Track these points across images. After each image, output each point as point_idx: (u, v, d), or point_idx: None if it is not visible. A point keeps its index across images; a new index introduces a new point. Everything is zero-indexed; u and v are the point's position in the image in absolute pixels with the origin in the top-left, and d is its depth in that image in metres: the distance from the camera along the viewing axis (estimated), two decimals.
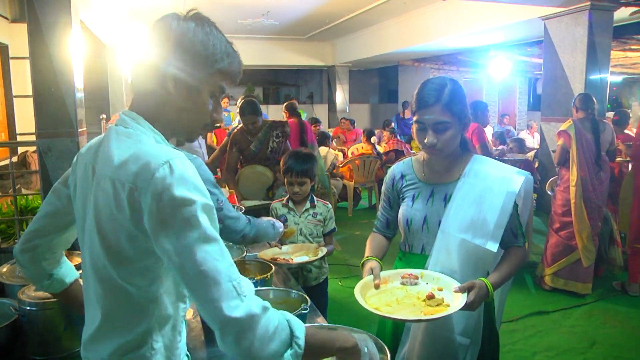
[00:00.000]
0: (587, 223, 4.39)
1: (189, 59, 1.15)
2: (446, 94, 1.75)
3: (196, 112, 1.21)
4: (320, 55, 14.43)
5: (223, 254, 1.05)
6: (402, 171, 2.02)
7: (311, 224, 2.99)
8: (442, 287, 1.74)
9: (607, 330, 3.88)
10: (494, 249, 1.75)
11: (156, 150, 1.10)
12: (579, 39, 6.25)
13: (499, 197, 1.78)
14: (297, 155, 3.03)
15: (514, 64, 12.62)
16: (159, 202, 1.04)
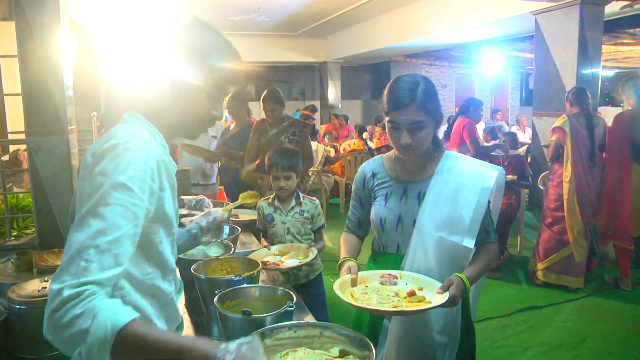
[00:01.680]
0: (579, 219, 4.39)
1: (191, 57, 1.21)
2: (420, 93, 1.73)
3: (194, 109, 1.25)
4: (312, 51, 14.41)
5: (97, 234, 0.99)
6: (372, 170, 1.99)
7: (298, 222, 2.94)
8: (422, 287, 1.71)
9: (599, 325, 3.88)
10: (471, 246, 1.74)
11: (129, 131, 1.15)
12: (570, 33, 6.25)
13: (474, 193, 1.78)
14: (282, 151, 3.01)
15: (506, 59, 12.65)
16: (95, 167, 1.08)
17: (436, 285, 1.67)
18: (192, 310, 2.11)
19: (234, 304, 1.70)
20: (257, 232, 3.68)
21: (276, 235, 2.95)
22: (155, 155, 1.14)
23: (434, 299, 1.63)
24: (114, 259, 1.01)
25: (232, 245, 2.26)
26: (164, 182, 1.18)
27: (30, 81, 3.91)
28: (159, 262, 1.23)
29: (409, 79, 1.78)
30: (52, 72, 3.93)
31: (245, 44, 13.05)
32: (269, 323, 1.51)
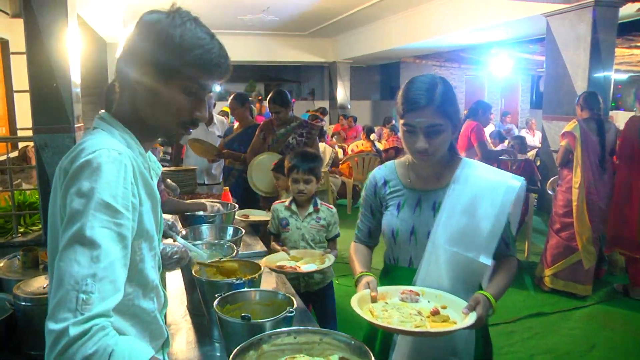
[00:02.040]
0: (588, 225, 4.33)
1: (155, 51, 1.11)
2: (438, 94, 1.61)
3: (166, 108, 1.15)
4: (322, 51, 14.38)
5: (91, 261, 0.93)
6: (384, 176, 1.87)
7: (314, 229, 2.86)
8: (445, 305, 1.59)
9: (607, 334, 3.83)
10: (488, 263, 1.62)
11: (98, 141, 1.07)
12: (582, 36, 6.18)
13: (493, 205, 1.64)
14: (303, 154, 2.95)
15: (516, 62, 12.56)
16: (70, 187, 1.00)
17: (459, 304, 1.55)
18: (193, 312, 2.09)
19: (234, 308, 1.68)
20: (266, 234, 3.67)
21: (290, 241, 2.88)
22: (132, 167, 1.08)
23: (460, 319, 1.51)
24: (112, 286, 0.95)
25: (234, 247, 2.23)
26: (142, 195, 1.12)
27: (38, 78, 3.92)
28: (140, 281, 1.16)
29: (426, 79, 1.66)
30: (60, 69, 3.94)
31: (255, 44, 13.10)
32: (269, 328, 1.49)
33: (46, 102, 3.95)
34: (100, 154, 1.02)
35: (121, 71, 1.16)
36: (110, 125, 1.15)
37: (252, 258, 2.71)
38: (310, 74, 19.29)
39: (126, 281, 1.09)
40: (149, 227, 1.14)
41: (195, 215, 2.87)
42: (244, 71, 16.91)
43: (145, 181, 1.15)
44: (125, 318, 1.13)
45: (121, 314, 1.11)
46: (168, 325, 2.00)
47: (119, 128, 1.15)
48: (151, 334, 1.21)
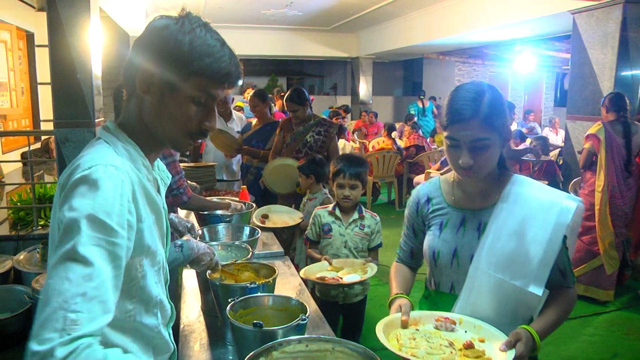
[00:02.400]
0: (611, 230, 4.24)
1: (162, 59, 1.07)
2: (485, 104, 1.45)
3: (173, 118, 1.11)
4: (345, 46, 14.31)
5: (82, 279, 0.87)
6: (427, 193, 1.74)
7: (357, 236, 2.78)
8: (484, 338, 1.44)
9: (629, 342, 3.73)
10: (539, 292, 1.46)
11: (96, 156, 1.03)
12: (610, 34, 6.02)
13: (545, 229, 1.47)
14: (349, 158, 2.87)
15: (541, 59, 12.36)
16: (65, 202, 0.96)
17: (500, 338, 1.40)
18: (207, 313, 2.09)
19: (247, 313, 1.67)
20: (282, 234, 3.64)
21: (332, 248, 2.80)
22: (130, 182, 1.03)
23: (495, 356, 1.36)
24: (102, 306, 0.89)
25: (250, 249, 2.22)
26: (142, 211, 1.07)
27: (60, 71, 3.96)
28: (142, 298, 1.12)
29: (472, 87, 1.51)
30: (82, 62, 3.97)
31: (278, 38, 13.09)
32: (281, 336, 1.48)
33: (67, 95, 3.99)
34: (97, 169, 0.98)
35: (128, 78, 1.12)
36: (113, 137, 1.12)
37: (269, 258, 2.71)
38: (333, 69, 19.23)
39: (127, 298, 1.08)
40: (150, 243, 1.10)
41: (212, 215, 2.87)
42: (266, 65, 16.93)
43: (148, 195, 1.12)
44: (127, 334, 1.11)
45: (122, 331, 1.09)
46: (182, 326, 2.01)
47: (122, 139, 1.12)
48: (155, 349, 1.19)
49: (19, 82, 6.85)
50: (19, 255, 3.90)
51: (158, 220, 1.16)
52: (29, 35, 7.42)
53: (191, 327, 2.00)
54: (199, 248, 1.75)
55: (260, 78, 16.89)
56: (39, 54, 7.43)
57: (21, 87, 7.03)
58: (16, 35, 6.73)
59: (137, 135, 1.14)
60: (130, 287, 1.08)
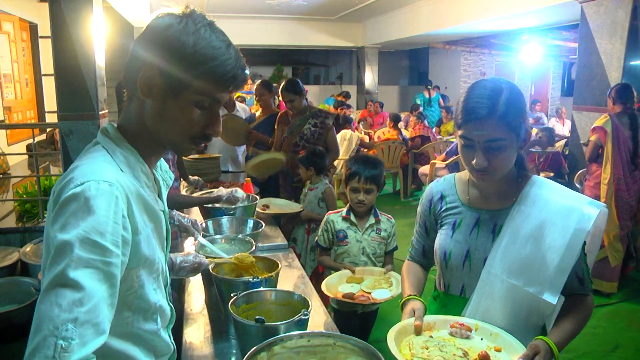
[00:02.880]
0: (616, 223, 4.22)
1: (166, 61, 1.03)
2: (502, 103, 1.37)
3: (176, 121, 1.07)
4: (350, 36, 14.24)
5: (73, 305, 0.86)
6: (442, 191, 1.67)
7: (375, 242, 2.65)
8: (500, 347, 1.39)
9: (631, 334, 3.73)
10: (554, 301, 1.39)
11: (90, 169, 1.00)
12: (619, 23, 5.95)
13: (564, 235, 1.40)
14: (365, 159, 2.71)
15: (548, 48, 12.26)
16: (57, 218, 0.94)
17: (517, 349, 1.34)
18: (210, 306, 2.10)
19: (249, 307, 1.68)
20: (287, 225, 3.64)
21: (348, 255, 2.67)
22: (125, 196, 1.01)
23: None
24: (94, 329, 0.88)
25: (253, 242, 2.22)
26: (139, 224, 1.04)
27: (63, 63, 3.96)
28: (139, 306, 1.12)
29: (490, 84, 1.42)
30: (85, 54, 3.97)
31: (283, 28, 13.04)
32: (283, 331, 1.49)
33: (71, 87, 3.99)
34: (89, 186, 0.95)
35: (129, 78, 1.08)
36: (112, 142, 1.09)
37: (272, 251, 2.71)
38: (339, 58, 19.16)
39: (124, 308, 1.07)
40: (147, 253, 1.08)
41: (216, 208, 2.88)
42: (271, 55, 16.88)
43: (146, 204, 1.09)
44: (127, 340, 1.11)
45: (122, 336, 1.10)
46: (185, 319, 2.02)
47: (121, 145, 1.09)
48: (155, 350, 1.19)
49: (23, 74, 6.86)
50: (25, 248, 3.93)
51: (157, 227, 1.13)
52: (32, 26, 7.42)
53: (195, 320, 2.01)
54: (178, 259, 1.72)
55: (266, 68, 16.85)
56: (43, 45, 7.43)
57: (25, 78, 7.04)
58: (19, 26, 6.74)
59: (137, 139, 1.12)
60: (127, 297, 1.07)
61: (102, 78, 4.20)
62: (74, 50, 3.94)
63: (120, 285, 1.00)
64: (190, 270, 1.73)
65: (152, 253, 1.10)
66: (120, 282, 0.99)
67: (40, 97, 7.62)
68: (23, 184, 4.74)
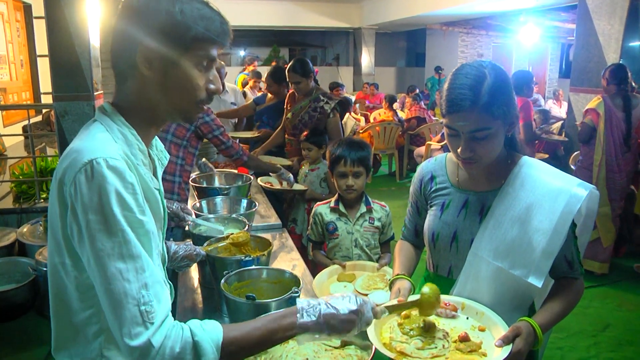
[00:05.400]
0: (607, 204, 4.25)
1: (158, 33, 1.05)
2: (485, 92, 1.33)
3: (182, 89, 1.09)
4: (347, 17, 14.16)
5: (138, 274, 0.98)
6: (432, 171, 1.65)
7: (368, 232, 2.47)
8: (484, 327, 1.39)
9: (622, 314, 3.78)
10: (539, 284, 1.38)
11: (93, 146, 1.02)
12: (618, 3, 5.89)
13: (551, 217, 1.38)
14: (350, 142, 2.54)
15: (546, 30, 12.20)
16: (76, 203, 0.98)
17: (502, 330, 1.33)
18: (204, 285, 2.12)
19: (241, 285, 1.71)
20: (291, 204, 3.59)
21: (340, 249, 2.48)
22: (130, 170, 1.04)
23: (491, 350, 1.28)
24: (161, 285, 1.02)
25: (246, 222, 2.24)
26: (140, 198, 1.06)
27: (57, 44, 3.93)
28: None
29: (472, 71, 1.38)
30: (78, 35, 3.93)
31: (280, 8, 12.95)
32: (274, 309, 1.51)
33: (66, 67, 3.96)
34: (99, 162, 0.98)
35: (119, 59, 1.10)
36: (110, 120, 1.10)
37: (267, 231, 2.73)
38: (335, 39, 19.05)
39: None
40: (149, 227, 1.09)
41: (210, 188, 2.89)
42: (267, 36, 16.77)
43: (142, 180, 1.10)
44: None
45: None
46: (179, 298, 2.04)
47: (118, 122, 1.10)
48: None
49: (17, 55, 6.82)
50: (22, 228, 3.95)
51: (153, 206, 1.15)
52: (26, 6, 7.35)
53: (189, 299, 2.04)
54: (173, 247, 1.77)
55: (262, 49, 16.76)
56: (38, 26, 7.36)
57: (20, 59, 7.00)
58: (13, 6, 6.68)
59: (134, 117, 1.12)
60: None
61: (97, 58, 4.18)
62: (68, 30, 3.90)
63: None
64: (184, 257, 1.78)
65: (153, 228, 1.12)
66: None
67: (36, 78, 7.57)
68: (19, 165, 4.74)
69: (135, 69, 1.08)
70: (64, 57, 3.94)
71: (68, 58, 3.94)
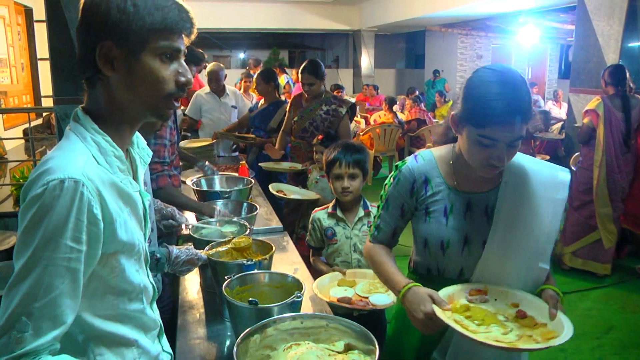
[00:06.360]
0: (609, 205, 4.24)
1: (113, 31, 1.02)
2: (526, 100, 1.34)
3: (148, 84, 1.06)
4: (346, 19, 14.16)
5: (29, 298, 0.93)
6: (425, 173, 1.56)
7: (367, 236, 2.48)
8: (517, 303, 1.43)
9: (625, 315, 3.76)
10: (547, 267, 1.47)
11: (60, 163, 0.99)
12: (617, 4, 5.89)
13: (550, 204, 1.46)
14: (346, 144, 2.54)
15: (545, 31, 12.20)
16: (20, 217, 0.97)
17: (532, 300, 1.42)
18: (206, 289, 2.12)
19: (243, 290, 1.70)
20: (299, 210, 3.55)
21: (339, 254, 2.46)
22: (94, 189, 1.00)
23: (542, 318, 1.36)
24: (51, 322, 0.95)
25: (247, 225, 2.24)
26: (112, 211, 1.04)
27: (57, 47, 3.93)
28: (123, 289, 1.13)
29: (509, 79, 1.35)
30: None
31: (279, 11, 12.96)
32: (276, 313, 1.51)
33: (66, 71, 3.97)
34: (54, 186, 0.95)
35: (84, 64, 1.07)
36: (82, 127, 1.08)
37: (268, 234, 2.73)
38: (335, 41, 19.05)
39: (108, 293, 1.11)
40: (126, 239, 1.09)
41: (211, 191, 2.88)
42: (267, 38, 16.77)
43: (119, 190, 1.09)
44: (116, 321, 1.13)
45: (111, 318, 1.12)
46: (181, 301, 2.04)
47: (91, 130, 1.07)
48: (144, 327, 1.21)
49: (18, 58, 6.81)
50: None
51: (133, 209, 1.14)
52: (27, 10, 7.35)
53: (190, 302, 2.03)
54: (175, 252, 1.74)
55: (261, 51, 16.75)
56: (38, 30, 7.37)
57: (21, 63, 6.99)
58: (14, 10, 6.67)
59: (106, 121, 1.10)
60: (109, 282, 1.10)
61: None
62: (69, 34, 3.90)
63: (101, 271, 1.07)
64: (186, 262, 1.75)
65: (130, 237, 1.11)
66: (100, 268, 1.06)
67: (36, 82, 7.57)
68: (20, 168, 4.74)
69: (99, 72, 1.06)
70: (65, 60, 3.94)
71: (69, 61, 3.94)
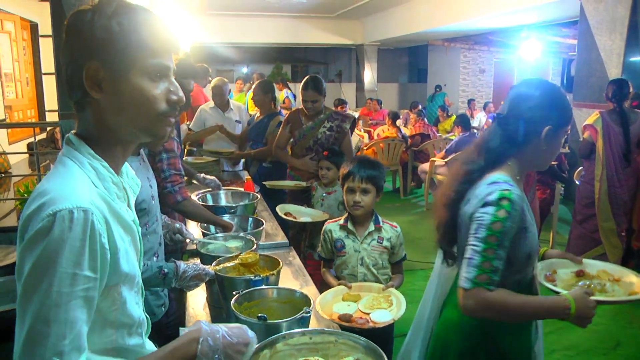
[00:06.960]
0: (611, 219, 4.24)
1: (98, 52, 0.99)
2: None
3: (138, 104, 1.02)
4: (349, 33, 14.25)
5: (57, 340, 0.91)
6: (520, 195, 1.56)
7: (376, 252, 2.44)
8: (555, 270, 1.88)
9: (633, 331, 3.73)
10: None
11: (62, 192, 0.95)
12: (618, 19, 5.93)
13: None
14: (362, 159, 2.58)
15: (547, 45, 12.27)
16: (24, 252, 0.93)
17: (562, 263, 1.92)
18: (213, 304, 2.11)
19: (251, 305, 1.70)
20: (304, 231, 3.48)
21: (346, 267, 2.47)
22: (102, 216, 0.98)
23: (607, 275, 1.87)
24: (77, 352, 0.93)
25: (254, 240, 2.23)
26: (117, 241, 1.01)
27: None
28: (123, 322, 1.10)
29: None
30: None
31: (282, 25, 13.04)
32: (285, 329, 1.50)
33: None
34: (62, 216, 0.91)
35: (74, 88, 1.03)
36: (79, 153, 1.04)
37: (273, 249, 2.72)
38: (338, 56, 19.17)
39: (107, 326, 1.06)
40: (127, 270, 1.05)
41: (217, 206, 2.87)
42: (270, 53, 16.89)
43: (120, 218, 1.06)
44: (112, 355, 1.09)
45: (107, 353, 1.08)
46: (187, 317, 2.03)
47: (87, 155, 1.04)
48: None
49: (23, 73, 6.86)
50: None
51: (133, 239, 1.11)
52: (32, 25, 7.41)
53: (197, 318, 2.02)
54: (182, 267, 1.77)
55: (265, 65, 16.86)
56: (43, 45, 7.43)
57: (26, 77, 7.04)
58: (20, 25, 6.73)
59: (101, 145, 1.06)
60: (109, 314, 1.06)
61: None
62: None
63: (102, 303, 1.02)
64: (193, 277, 1.78)
65: (132, 268, 1.08)
66: (101, 300, 1.00)
67: (41, 96, 7.62)
68: (24, 182, 4.74)
69: (87, 95, 1.02)
70: None
71: None
